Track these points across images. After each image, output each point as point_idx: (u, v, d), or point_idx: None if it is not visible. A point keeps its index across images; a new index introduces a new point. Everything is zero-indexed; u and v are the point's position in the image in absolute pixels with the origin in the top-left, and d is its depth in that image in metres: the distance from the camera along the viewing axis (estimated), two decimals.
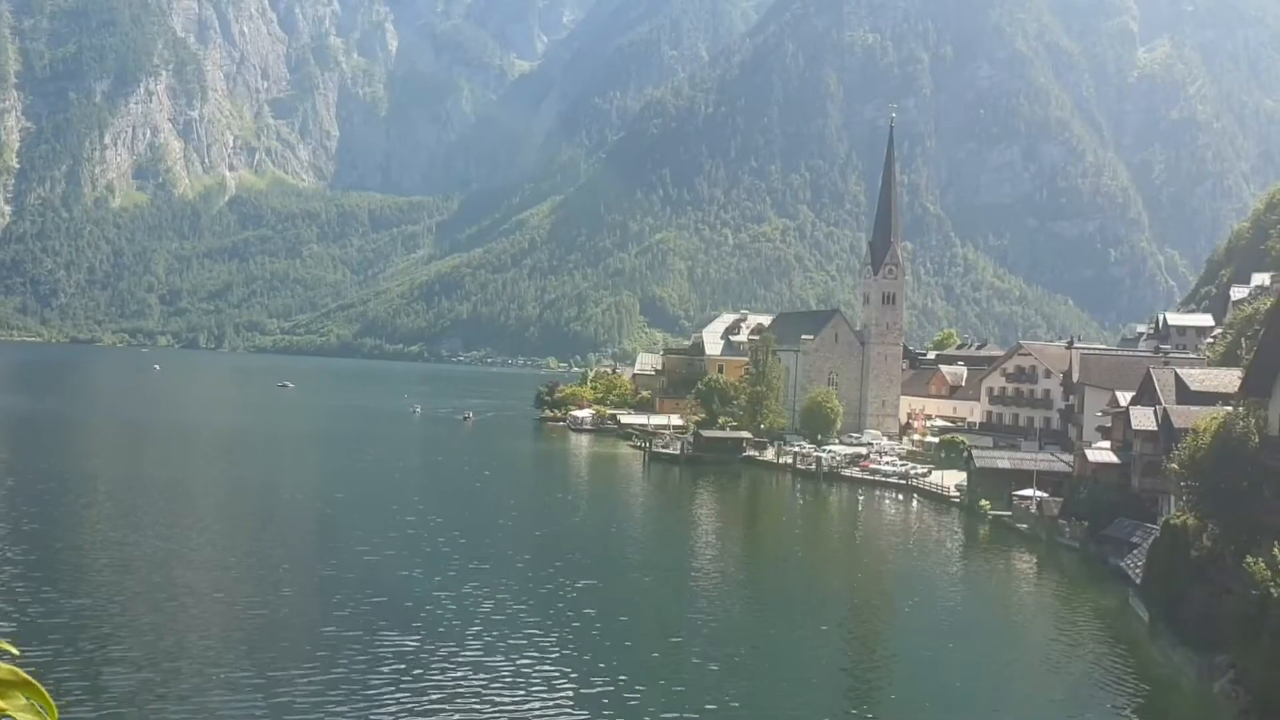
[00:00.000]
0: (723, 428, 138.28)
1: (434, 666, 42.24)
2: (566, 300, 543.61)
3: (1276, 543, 40.44)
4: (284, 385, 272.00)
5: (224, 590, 54.40)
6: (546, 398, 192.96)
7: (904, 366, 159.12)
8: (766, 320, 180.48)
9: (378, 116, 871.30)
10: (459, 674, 41.46)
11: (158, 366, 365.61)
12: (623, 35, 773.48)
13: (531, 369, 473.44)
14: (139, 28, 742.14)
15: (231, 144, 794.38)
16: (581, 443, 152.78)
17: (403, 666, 41.87)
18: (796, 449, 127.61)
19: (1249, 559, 40.70)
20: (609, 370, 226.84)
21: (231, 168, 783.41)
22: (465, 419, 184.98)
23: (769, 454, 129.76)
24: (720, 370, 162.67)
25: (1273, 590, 38.45)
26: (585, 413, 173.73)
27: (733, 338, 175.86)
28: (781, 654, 48.44)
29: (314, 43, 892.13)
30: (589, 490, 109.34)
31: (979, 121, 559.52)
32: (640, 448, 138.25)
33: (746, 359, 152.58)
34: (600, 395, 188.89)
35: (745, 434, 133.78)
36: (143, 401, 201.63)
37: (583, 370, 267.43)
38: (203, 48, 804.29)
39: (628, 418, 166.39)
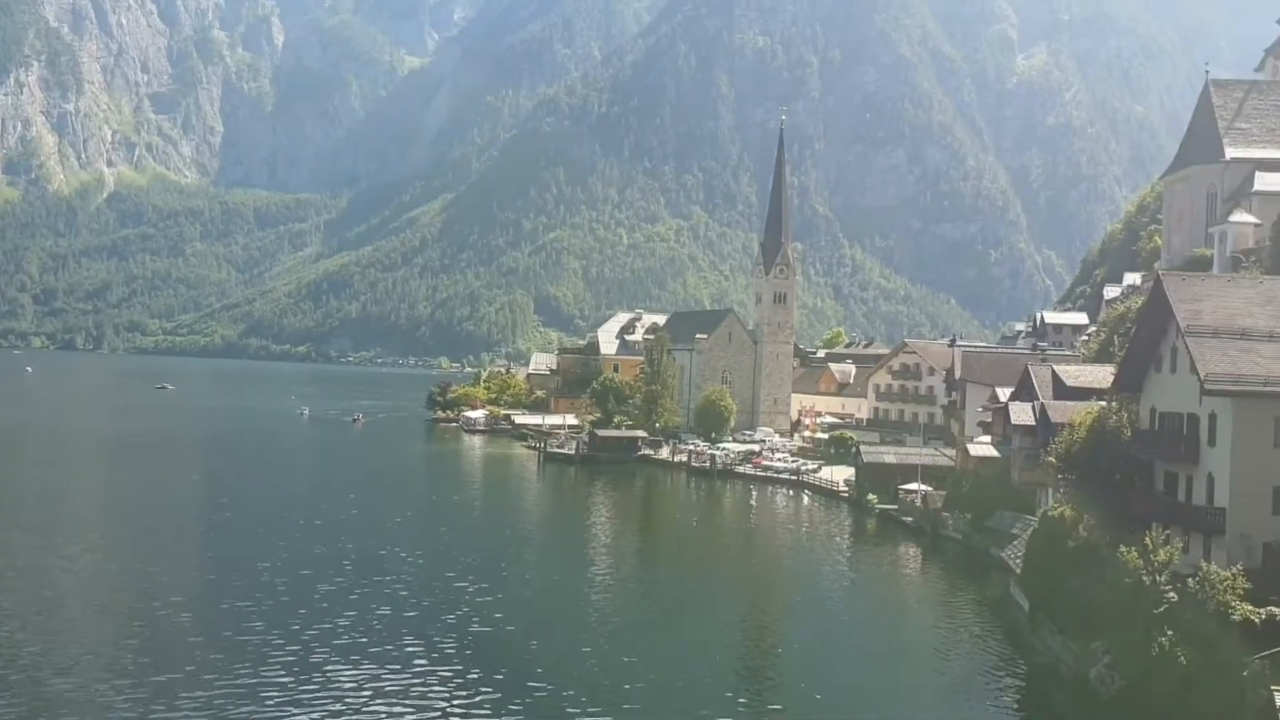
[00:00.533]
0: (618, 427, 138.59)
1: (325, 677, 41.39)
2: (459, 299, 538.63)
3: (1148, 532, 42.20)
4: (163, 387, 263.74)
5: (100, 603, 52.49)
6: (439, 398, 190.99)
7: (795, 365, 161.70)
8: (661, 319, 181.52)
9: (264, 112, 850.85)
10: (350, 684, 40.71)
11: (29, 369, 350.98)
12: (514, 33, 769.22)
13: (423, 369, 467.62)
14: (8, 16, 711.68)
15: (110, 139, 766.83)
16: (475, 444, 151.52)
17: (290, 679, 40.92)
18: (691, 447, 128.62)
19: (1122, 548, 42.37)
20: (503, 370, 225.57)
21: (110, 163, 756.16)
22: (355, 420, 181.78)
23: (664, 452, 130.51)
24: (615, 369, 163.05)
25: (1145, 578, 40.09)
26: (479, 413, 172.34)
27: (628, 337, 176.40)
28: (678, 651, 48.75)
29: (197, 35, 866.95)
30: (483, 492, 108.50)
31: (866, 125, 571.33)
32: (535, 448, 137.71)
33: (641, 358, 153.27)
34: (494, 395, 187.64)
35: (640, 433, 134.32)
36: (10, 404, 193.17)
37: (476, 370, 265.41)
38: (78, 38, 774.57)
39: (522, 418, 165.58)
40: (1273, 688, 28.83)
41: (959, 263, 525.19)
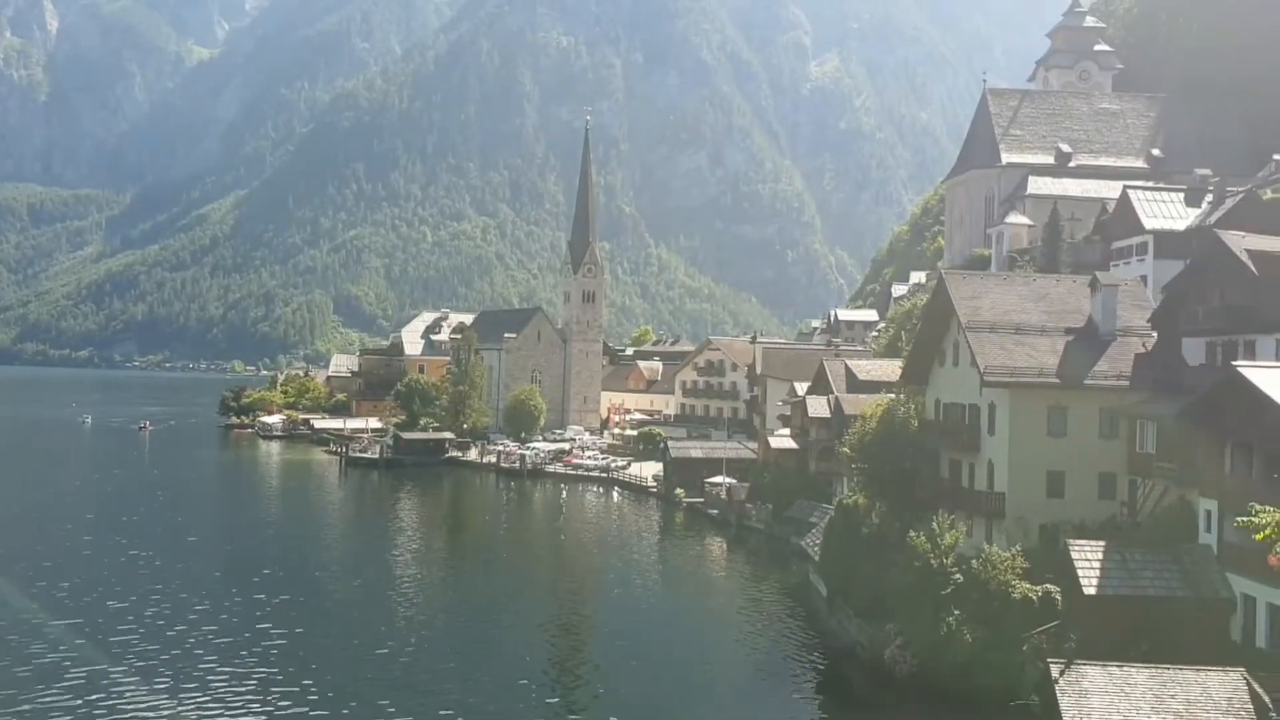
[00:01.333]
0: (424, 429, 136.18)
1: (118, 697, 38.95)
2: (253, 300, 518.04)
3: (934, 517, 44.44)
4: None
5: None
6: (232, 404, 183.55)
7: (604, 363, 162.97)
8: (468, 319, 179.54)
9: (36, 102, 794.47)
10: (146, 703, 38.47)
11: None
12: (310, 25, 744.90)
13: (216, 374, 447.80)
14: None
15: None
16: (272, 450, 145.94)
17: (80, 703, 38.35)
18: (501, 447, 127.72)
19: (911, 534, 44.48)
20: (301, 373, 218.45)
21: None
22: (142, 428, 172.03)
23: (473, 454, 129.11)
24: (421, 370, 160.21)
25: (933, 561, 42.18)
26: (276, 418, 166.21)
27: (434, 337, 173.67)
28: (488, 652, 48.29)
29: None
30: (281, 500, 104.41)
31: (669, 127, 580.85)
32: (336, 453, 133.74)
33: (448, 358, 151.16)
34: (292, 399, 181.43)
35: (448, 434, 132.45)
36: None
37: (272, 374, 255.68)
38: None
39: (322, 422, 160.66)
40: (1049, 660, 30.85)
41: (759, 262, 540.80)
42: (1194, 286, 47.18)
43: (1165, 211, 66.70)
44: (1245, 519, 16.34)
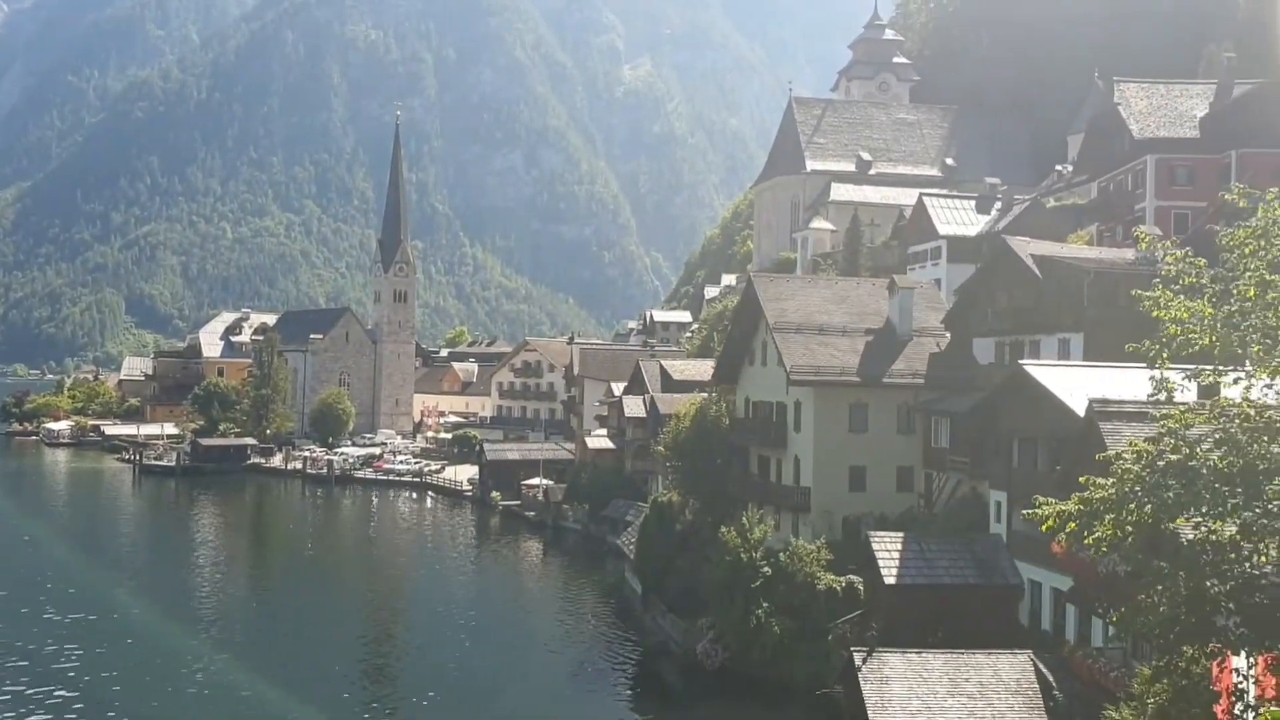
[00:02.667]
0: (224, 435, 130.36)
1: None
2: (37, 299, 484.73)
3: (744, 513, 45.45)
4: None
5: None
6: (14, 409, 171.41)
7: (417, 364, 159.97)
8: (272, 319, 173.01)
9: None
10: None
11: None
12: (100, 9, 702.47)
13: None
14: None
15: None
16: (59, 458, 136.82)
17: None
18: (307, 453, 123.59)
19: (723, 529, 45.36)
20: (90, 377, 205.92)
21: None
22: None
23: (277, 460, 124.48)
24: (221, 373, 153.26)
25: (743, 556, 43.12)
26: (62, 425, 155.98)
27: (234, 338, 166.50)
28: (297, 671, 46.55)
29: None
30: (68, 513, 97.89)
31: (483, 125, 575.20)
32: (129, 461, 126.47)
33: (250, 360, 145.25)
34: (80, 405, 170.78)
35: (250, 440, 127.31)
36: None
37: (59, 377, 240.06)
38: None
39: (113, 428, 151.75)
40: (853, 649, 31.94)
41: (576, 263, 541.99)
42: (984, 289, 49.83)
43: (958, 218, 70.22)
44: (1030, 511, 17.30)
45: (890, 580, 36.95)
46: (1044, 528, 18.21)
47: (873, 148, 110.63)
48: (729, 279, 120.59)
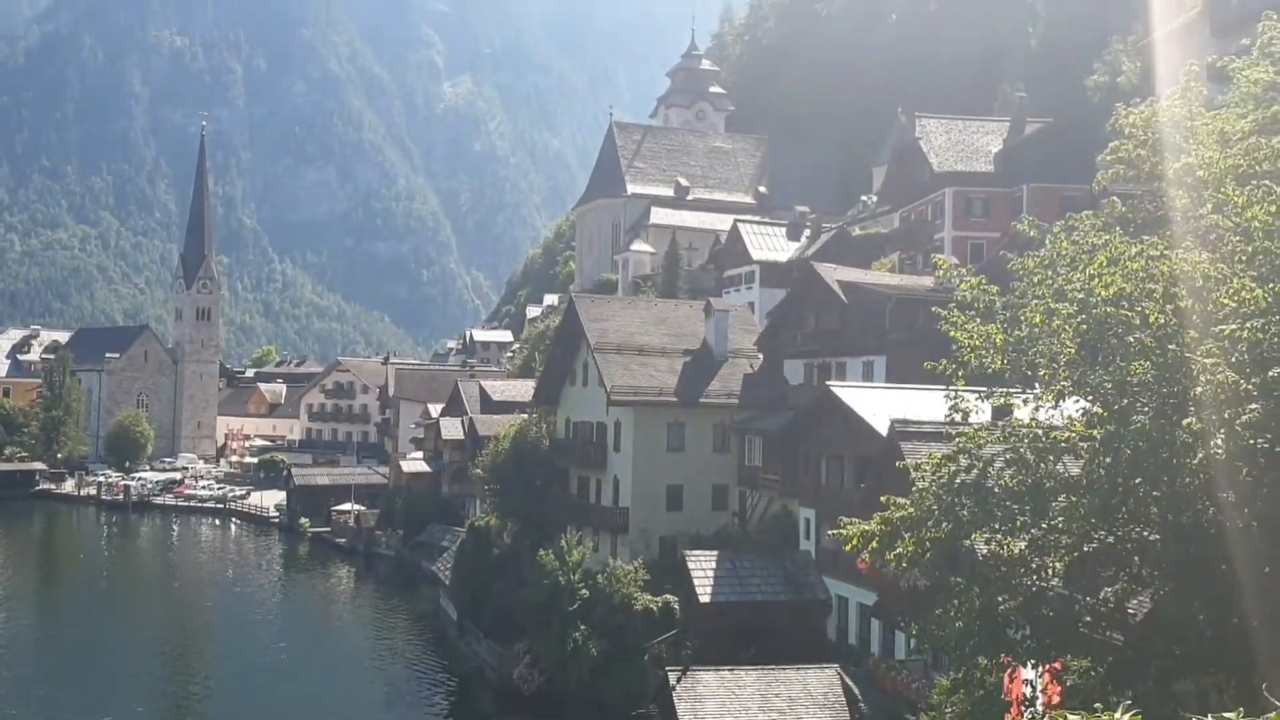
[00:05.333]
0: (10, 459, 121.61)
1: None
2: None
3: (563, 535, 45.27)
4: None
5: None
6: None
7: (221, 385, 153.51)
8: (64, 337, 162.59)
9: None
10: None
11: None
12: None
13: None
14: None
15: None
16: None
17: None
18: (102, 479, 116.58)
19: (541, 552, 45.05)
20: None
21: None
22: None
23: (69, 486, 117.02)
24: (6, 394, 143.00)
25: (560, 578, 42.90)
26: None
27: (21, 356, 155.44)
28: (95, 703, 43.56)
29: None
30: None
31: (295, 138, 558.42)
32: None
33: (40, 380, 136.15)
34: None
35: (39, 465, 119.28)
36: None
37: None
38: None
39: None
40: (667, 668, 32.14)
41: (392, 281, 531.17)
42: (794, 313, 51.37)
43: (770, 244, 72.25)
44: (835, 531, 17.82)
45: (705, 598, 37.42)
46: (848, 548, 18.75)
47: (690, 174, 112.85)
48: (551, 299, 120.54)
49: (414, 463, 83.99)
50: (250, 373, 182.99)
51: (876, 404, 35.46)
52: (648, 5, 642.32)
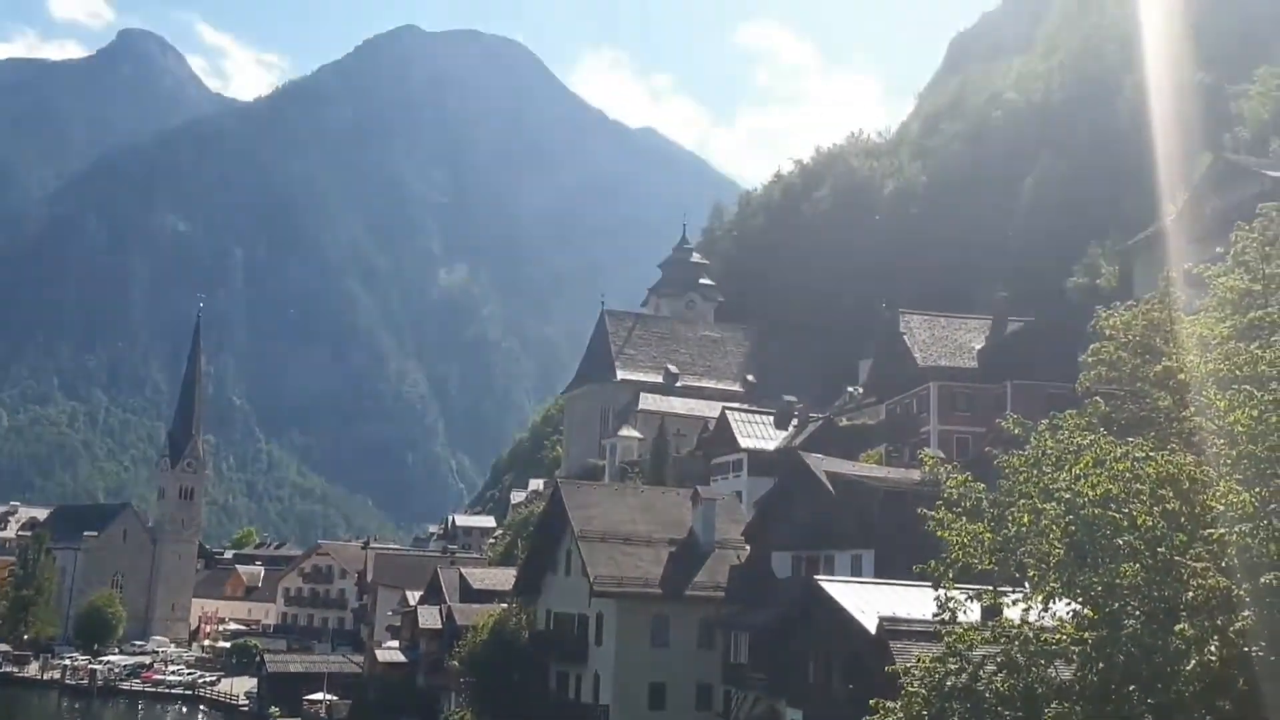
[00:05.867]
0: None
1: None
2: None
3: None
4: None
5: None
6: None
7: (199, 566, 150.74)
8: (43, 514, 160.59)
9: None
10: None
11: None
12: None
13: None
14: None
15: None
16: None
17: None
18: (67, 662, 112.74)
19: None
20: None
21: None
22: None
23: (33, 669, 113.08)
24: None
25: None
26: None
27: None
28: None
29: None
30: None
31: (289, 321, 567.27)
32: None
33: (13, 558, 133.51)
34: None
35: (4, 647, 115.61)
36: None
37: None
38: None
39: None
40: None
41: (377, 464, 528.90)
42: (782, 503, 50.99)
43: (758, 432, 72.51)
44: None
45: None
46: None
47: (680, 361, 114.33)
48: (536, 483, 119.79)
49: (389, 652, 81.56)
50: (229, 554, 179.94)
51: (865, 599, 34.77)
52: (640, 207, 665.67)
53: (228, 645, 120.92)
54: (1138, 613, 15.90)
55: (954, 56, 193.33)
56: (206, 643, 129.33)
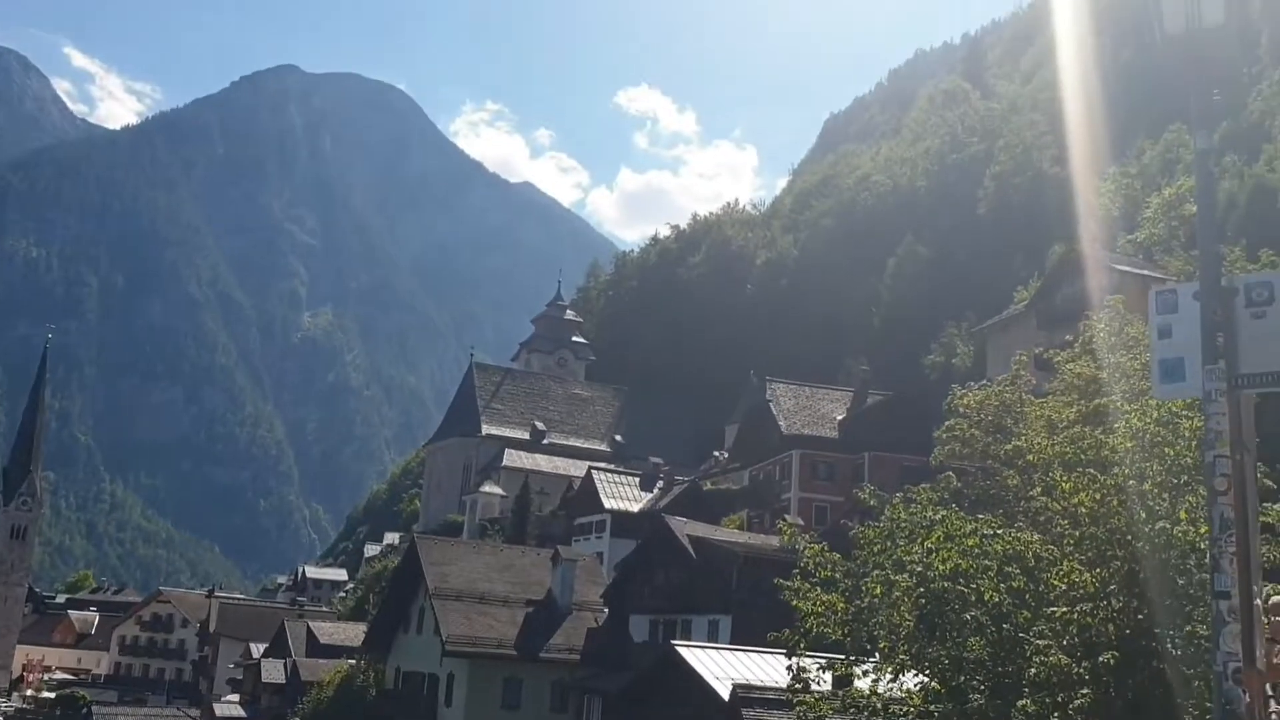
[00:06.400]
0: None
1: None
2: None
3: None
4: None
5: None
6: None
7: (27, 610, 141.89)
8: None
9: None
10: None
11: None
12: None
13: None
14: None
15: None
16: None
17: None
18: None
19: None
20: None
21: None
22: None
23: None
24: None
25: None
26: None
27: None
28: None
29: None
30: None
31: (144, 357, 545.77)
32: None
33: None
34: None
35: None
36: None
37: None
38: None
39: None
40: None
41: (227, 509, 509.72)
42: (642, 566, 50.87)
43: (623, 493, 72.51)
44: None
45: None
46: None
47: (548, 419, 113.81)
48: (392, 537, 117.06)
49: (228, 706, 78.03)
50: (62, 598, 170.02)
51: (721, 666, 34.80)
52: (515, 262, 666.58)
53: (52, 695, 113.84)
54: (982, 687, 16.23)
55: (828, 136, 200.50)
56: (30, 693, 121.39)
